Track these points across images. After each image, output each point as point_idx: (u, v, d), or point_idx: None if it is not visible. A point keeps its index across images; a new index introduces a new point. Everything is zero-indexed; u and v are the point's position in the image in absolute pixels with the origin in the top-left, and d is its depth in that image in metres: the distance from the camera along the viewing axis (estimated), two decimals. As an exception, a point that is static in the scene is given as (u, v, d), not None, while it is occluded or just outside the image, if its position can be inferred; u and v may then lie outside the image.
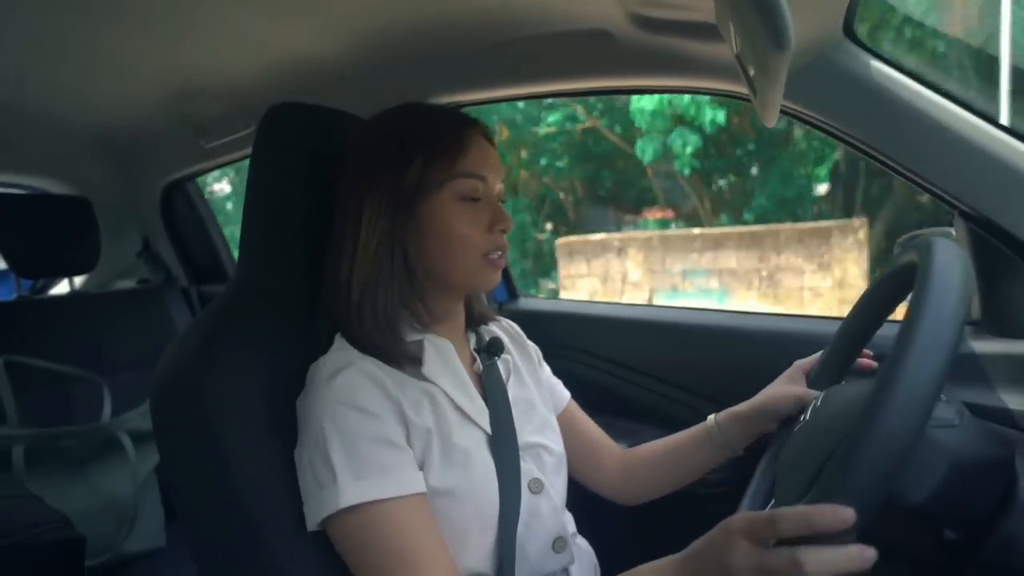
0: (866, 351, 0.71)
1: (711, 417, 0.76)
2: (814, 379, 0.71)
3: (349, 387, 0.56)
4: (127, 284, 1.85)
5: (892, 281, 0.60)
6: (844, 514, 0.37)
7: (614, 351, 1.13)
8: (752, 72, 0.62)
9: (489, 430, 0.63)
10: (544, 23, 0.82)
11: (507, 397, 0.67)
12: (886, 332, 0.65)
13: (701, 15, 0.72)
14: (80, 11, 0.82)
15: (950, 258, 0.43)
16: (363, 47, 0.94)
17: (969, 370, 0.72)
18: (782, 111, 0.80)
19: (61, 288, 1.83)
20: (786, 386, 0.72)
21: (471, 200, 0.63)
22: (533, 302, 1.36)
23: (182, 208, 1.77)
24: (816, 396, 0.60)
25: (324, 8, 0.83)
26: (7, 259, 1.39)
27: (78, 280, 1.78)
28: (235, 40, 0.95)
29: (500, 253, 0.64)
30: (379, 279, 0.61)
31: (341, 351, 0.61)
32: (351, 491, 0.53)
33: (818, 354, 0.73)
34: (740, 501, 0.63)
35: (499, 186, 0.66)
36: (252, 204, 0.71)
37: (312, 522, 0.55)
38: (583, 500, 0.80)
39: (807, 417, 0.57)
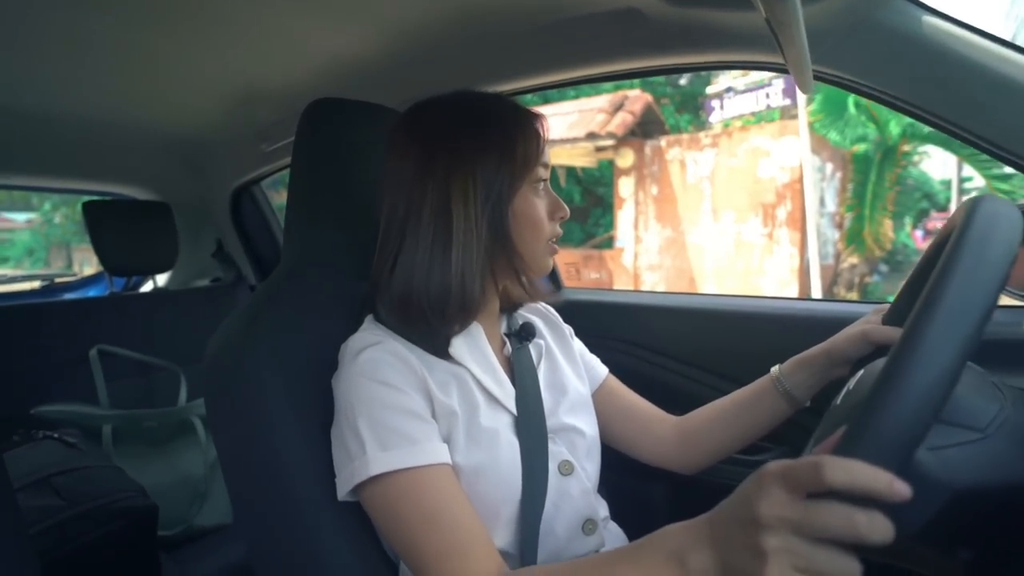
0: None
1: (774, 367, 0.73)
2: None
3: (373, 362, 0.58)
4: (203, 282, 2.00)
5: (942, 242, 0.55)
6: (900, 487, 0.33)
7: (659, 341, 1.10)
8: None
9: (515, 412, 0.63)
10: (573, 5, 0.81)
11: (536, 380, 0.67)
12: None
13: (732, -18, 0.70)
14: (152, 25, 0.89)
15: (991, 215, 0.39)
16: (406, 42, 0.97)
17: None
18: (831, 79, 0.75)
19: (149, 286, 2.00)
20: (854, 327, 0.68)
21: (540, 187, 0.64)
22: (576, 292, 1.35)
23: (249, 210, 1.89)
24: (883, 334, 0.61)
25: (367, 7, 0.87)
26: (99, 258, 1.54)
27: (161, 278, 1.95)
28: (287, 45, 1.00)
29: (555, 239, 0.66)
30: (465, 266, 0.60)
31: (369, 330, 0.63)
32: (379, 461, 0.54)
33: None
34: None
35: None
36: (294, 194, 0.75)
37: (342, 491, 0.57)
38: (618, 489, 0.79)
39: (838, 401, 0.53)
